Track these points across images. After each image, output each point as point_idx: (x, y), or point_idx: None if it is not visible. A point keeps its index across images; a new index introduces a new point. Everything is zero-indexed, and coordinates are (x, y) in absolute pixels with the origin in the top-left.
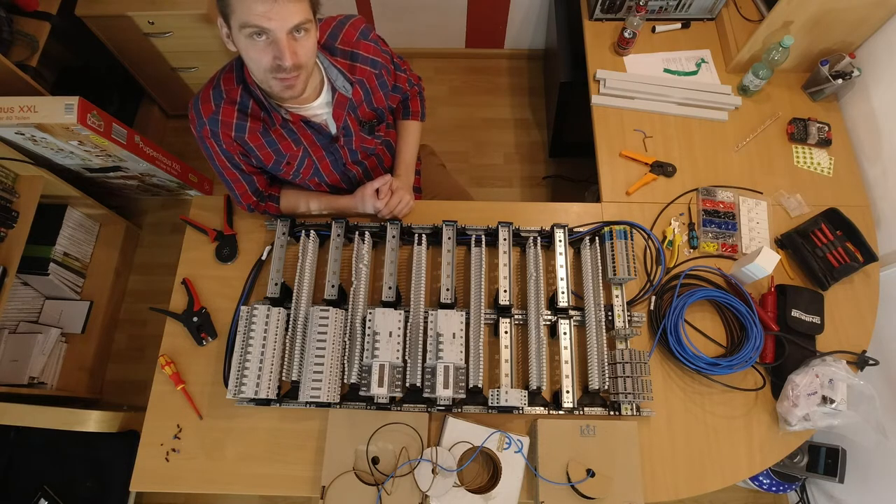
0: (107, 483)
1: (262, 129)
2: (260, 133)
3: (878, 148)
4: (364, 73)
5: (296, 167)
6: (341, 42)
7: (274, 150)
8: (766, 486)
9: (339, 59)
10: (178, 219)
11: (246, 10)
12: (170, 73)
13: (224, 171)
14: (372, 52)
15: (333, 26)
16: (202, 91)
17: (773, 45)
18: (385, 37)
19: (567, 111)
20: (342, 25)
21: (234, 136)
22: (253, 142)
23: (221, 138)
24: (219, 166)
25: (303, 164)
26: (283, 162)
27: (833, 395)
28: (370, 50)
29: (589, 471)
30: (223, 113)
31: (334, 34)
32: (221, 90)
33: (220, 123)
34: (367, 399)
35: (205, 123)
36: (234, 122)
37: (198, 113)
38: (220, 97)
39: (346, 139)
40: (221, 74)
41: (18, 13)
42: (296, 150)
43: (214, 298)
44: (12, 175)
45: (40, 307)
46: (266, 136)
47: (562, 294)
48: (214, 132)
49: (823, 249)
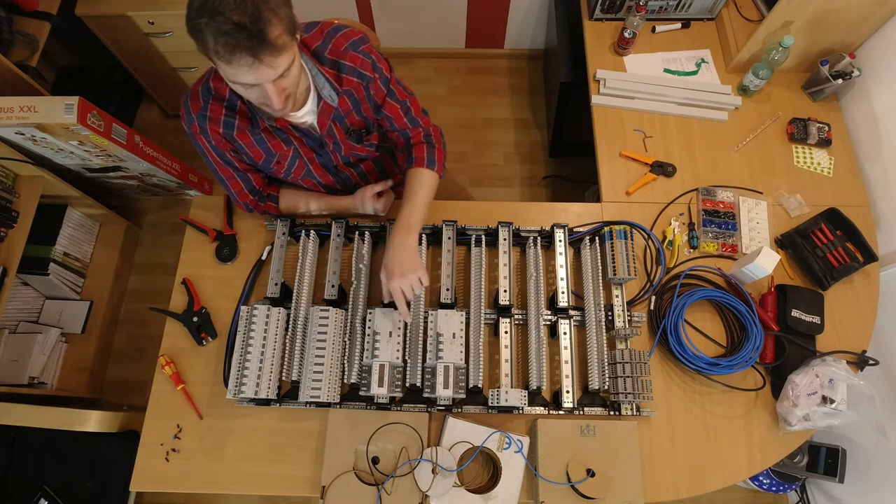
0: (107, 483)
1: (250, 126)
2: (248, 131)
3: (878, 148)
4: (351, 84)
5: (286, 167)
6: (329, 51)
7: (263, 149)
8: (766, 486)
9: (328, 68)
10: (178, 219)
11: (231, 74)
12: (170, 73)
13: (218, 167)
14: (359, 65)
15: (326, 34)
16: (192, 88)
17: (773, 45)
18: (385, 37)
19: (567, 111)
20: (334, 34)
21: (222, 133)
22: (242, 139)
23: (210, 134)
24: (212, 163)
25: (294, 164)
26: (273, 160)
27: (833, 395)
28: (357, 61)
29: (589, 471)
30: (211, 109)
31: (325, 43)
32: (210, 87)
33: (208, 119)
34: (367, 399)
35: (193, 119)
36: (223, 118)
37: (187, 109)
38: (208, 94)
39: (335, 146)
40: (213, 73)
41: (18, 13)
42: (286, 149)
43: (214, 298)
44: (12, 175)
45: (40, 307)
46: (255, 134)
47: (562, 294)
48: (203, 128)
49: (823, 249)
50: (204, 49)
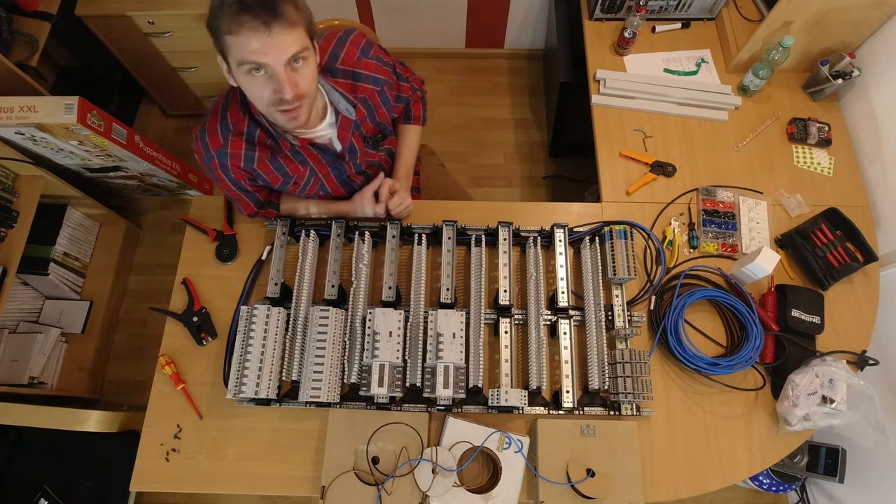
0: (107, 483)
1: (269, 156)
2: (268, 160)
3: (878, 148)
4: (366, 91)
5: (302, 185)
6: (342, 62)
7: (282, 174)
8: (766, 486)
9: (341, 79)
10: (178, 219)
11: (241, 48)
12: (170, 73)
13: (229, 192)
14: (373, 70)
15: (334, 45)
16: (208, 123)
17: (773, 45)
18: (385, 37)
19: (567, 111)
20: (342, 44)
21: (242, 167)
22: (261, 169)
23: (230, 169)
24: (224, 188)
25: (309, 182)
26: (290, 182)
27: (833, 395)
28: (371, 68)
29: (589, 471)
30: (231, 146)
31: (335, 54)
32: (228, 123)
33: (230, 156)
34: (367, 399)
35: (213, 157)
36: (243, 153)
37: (205, 146)
38: (227, 130)
39: (352, 156)
40: (228, 106)
41: (18, 13)
42: (303, 171)
43: (214, 298)
44: (12, 175)
45: (40, 307)
46: (274, 162)
47: (562, 294)
48: (223, 164)
49: (823, 249)
50: (217, 31)
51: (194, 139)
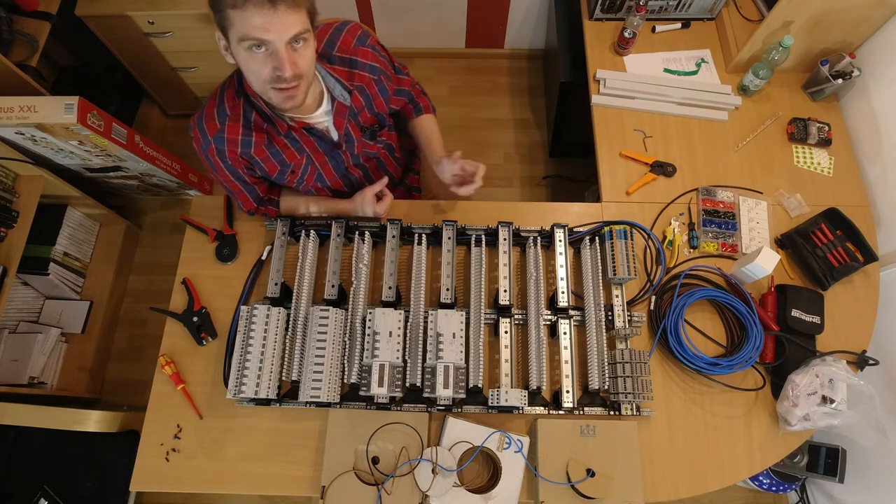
0: (107, 483)
1: (266, 141)
2: (265, 146)
3: (878, 148)
4: (363, 80)
5: (300, 175)
6: (339, 50)
7: (279, 161)
8: (766, 486)
9: (337, 66)
10: (178, 219)
11: (244, 23)
12: (170, 73)
13: (227, 183)
14: (370, 59)
15: (330, 34)
16: (205, 109)
17: (773, 45)
18: (385, 37)
19: (567, 111)
20: (339, 32)
21: (239, 153)
22: (258, 155)
23: (227, 155)
24: (222, 179)
25: (306, 171)
26: (287, 171)
27: (833, 395)
28: (368, 56)
29: (589, 471)
30: (228, 130)
31: (331, 42)
32: (225, 107)
33: (226, 141)
34: (367, 399)
35: (210, 142)
36: (240, 138)
37: (202, 131)
38: (224, 115)
39: (349, 145)
40: (224, 91)
41: (18, 13)
42: (299, 158)
43: (214, 298)
44: (12, 175)
45: (40, 307)
46: (270, 147)
47: (562, 294)
48: (220, 150)
49: (823, 249)
50: (220, 4)
51: (192, 126)
